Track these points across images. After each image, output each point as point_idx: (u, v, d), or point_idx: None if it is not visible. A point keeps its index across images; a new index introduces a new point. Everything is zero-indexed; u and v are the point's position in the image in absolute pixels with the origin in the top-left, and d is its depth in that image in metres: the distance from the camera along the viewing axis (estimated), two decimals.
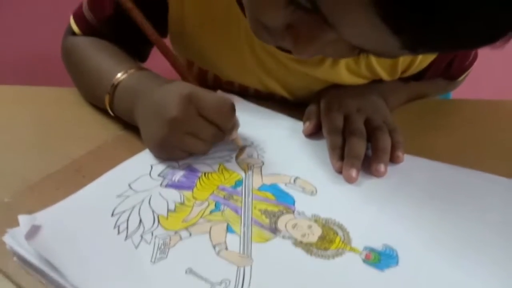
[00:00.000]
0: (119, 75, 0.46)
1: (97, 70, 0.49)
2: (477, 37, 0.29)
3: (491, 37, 0.29)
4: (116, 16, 0.50)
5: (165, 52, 0.41)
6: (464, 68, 0.62)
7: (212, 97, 0.41)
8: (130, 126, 0.46)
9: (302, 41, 0.36)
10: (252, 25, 0.41)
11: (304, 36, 0.35)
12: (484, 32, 0.28)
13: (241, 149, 0.45)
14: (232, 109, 0.42)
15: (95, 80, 0.48)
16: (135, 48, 0.54)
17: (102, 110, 0.49)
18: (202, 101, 0.40)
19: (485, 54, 0.32)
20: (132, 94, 0.45)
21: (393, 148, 0.45)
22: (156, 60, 0.56)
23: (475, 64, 0.62)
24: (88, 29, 0.53)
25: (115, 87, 0.45)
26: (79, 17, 0.54)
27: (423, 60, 0.53)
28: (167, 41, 0.57)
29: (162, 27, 0.53)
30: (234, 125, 0.44)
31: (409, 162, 0.46)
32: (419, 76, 0.57)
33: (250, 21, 0.41)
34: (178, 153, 0.43)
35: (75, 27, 0.54)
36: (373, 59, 0.51)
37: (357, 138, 0.45)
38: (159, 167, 0.42)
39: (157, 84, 0.44)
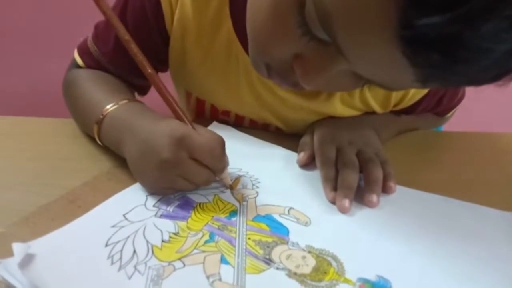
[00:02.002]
0: (108, 106, 0.46)
1: (90, 101, 0.49)
2: (487, 76, 0.30)
3: (498, 76, 0.30)
4: (119, 50, 0.51)
5: (159, 88, 0.41)
6: (452, 106, 0.64)
7: (203, 140, 0.40)
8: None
9: (312, 71, 0.35)
10: (253, 60, 0.42)
11: (314, 66, 0.35)
12: (494, 72, 0.29)
13: (236, 179, 0.46)
14: (223, 150, 0.41)
15: (88, 110, 0.48)
16: (136, 82, 0.55)
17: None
18: (193, 144, 0.39)
19: (477, 88, 0.33)
20: (119, 126, 0.44)
21: (385, 179, 0.46)
22: (154, 92, 0.57)
23: (468, 95, 0.64)
24: (91, 62, 0.54)
25: (103, 117, 0.45)
26: (83, 50, 0.55)
27: (414, 95, 0.55)
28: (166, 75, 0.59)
29: (163, 58, 0.54)
30: (224, 165, 0.43)
31: (401, 193, 0.46)
32: (410, 111, 0.58)
33: (252, 56, 0.42)
34: (170, 192, 0.43)
35: (79, 60, 0.55)
36: (368, 92, 0.53)
37: (350, 169, 0.46)
38: (154, 198, 0.42)
39: (146, 119, 0.43)
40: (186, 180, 0.41)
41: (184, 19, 0.50)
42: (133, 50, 0.41)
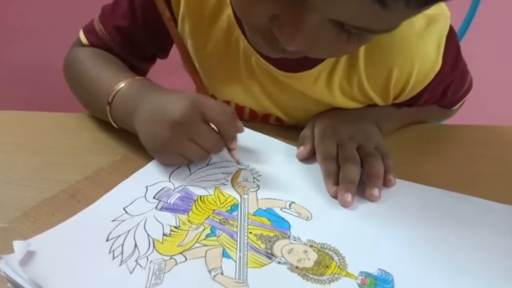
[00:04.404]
0: (121, 83, 0.47)
1: (98, 79, 0.50)
2: None
3: None
4: (123, 29, 0.53)
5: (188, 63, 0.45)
6: (458, 98, 0.63)
7: (216, 103, 0.43)
8: (126, 152, 0.47)
9: (289, 28, 0.35)
10: (248, 33, 0.42)
11: (290, 23, 0.35)
12: None
13: (237, 172, 0.46)
14: (234, 115, 0.44)
15: (95, 88, 0.49)
16: (136, 64, 0.56)
17: (98, 136, 0.50)
18: (206, 106, 0.42)
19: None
20: (132, 99, 0.45)
21: (385, 172, 0.46)
22: (158, 78, 0.57)
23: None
24: (96, 40, 0.55)
25: (116, 92, 0.46)
26: (88, 29, 0.56)
27: (415, 86, 0.54)
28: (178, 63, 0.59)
29: (166, 46, 0.56)
30: (235, 135, 0.45)
31: (402, 187, 0.46)
32: (413, 103, 0.58)
33: (246, 29, 0.42)
34: (178, 159, 0.43)
35: (83, 38, 0.56)
36: (365, 80, 0.52)
37: (351, 164, 0.46)
38: (154, 189, 0.42)
39: (159, 90, 0.46)
40: (196, 144, 0.42)
41: (189, 3, 0.50)
42: (171, 28, 0.46)
